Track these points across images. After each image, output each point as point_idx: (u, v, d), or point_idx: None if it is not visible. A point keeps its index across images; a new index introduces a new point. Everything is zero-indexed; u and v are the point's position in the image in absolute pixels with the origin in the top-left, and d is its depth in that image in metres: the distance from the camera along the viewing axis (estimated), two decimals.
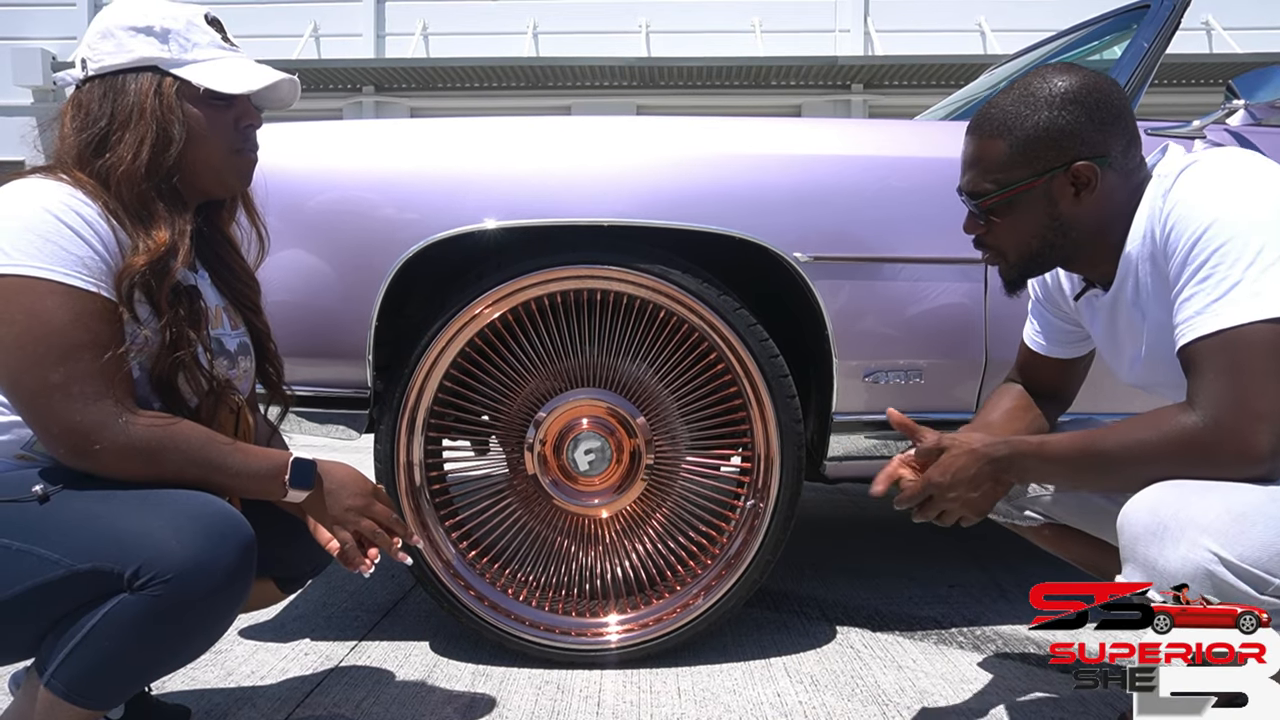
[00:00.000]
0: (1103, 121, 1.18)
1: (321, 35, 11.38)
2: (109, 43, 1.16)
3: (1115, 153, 1.20)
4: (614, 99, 10.88)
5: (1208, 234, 1.08)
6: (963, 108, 2.47)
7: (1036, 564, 1.52)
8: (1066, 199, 1.21)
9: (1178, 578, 0.99)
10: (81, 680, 1.03)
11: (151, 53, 1.16)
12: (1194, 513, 0.99)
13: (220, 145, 1.21)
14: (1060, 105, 1.18)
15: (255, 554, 1.09)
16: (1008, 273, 1.30)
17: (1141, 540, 1.03)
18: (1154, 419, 1.10)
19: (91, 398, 1.05)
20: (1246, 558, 0.96)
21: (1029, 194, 1.21)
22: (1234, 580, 0.96)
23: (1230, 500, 1.00)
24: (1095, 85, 1.19)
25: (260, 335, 1.38)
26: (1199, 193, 1.12)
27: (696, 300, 1.64)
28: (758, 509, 1.72)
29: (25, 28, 11.17)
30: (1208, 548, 0.97)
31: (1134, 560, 1.04)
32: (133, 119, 1.15)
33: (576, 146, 1.70)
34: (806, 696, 1.58)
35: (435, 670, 1.69)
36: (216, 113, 1.20)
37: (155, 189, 1.16)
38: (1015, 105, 1.20)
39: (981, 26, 10.79)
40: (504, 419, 1.75)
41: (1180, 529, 0.99)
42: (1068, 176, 1.19)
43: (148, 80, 1.16)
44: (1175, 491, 1.04)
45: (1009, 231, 1.25)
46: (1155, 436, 1.08)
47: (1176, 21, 1.84)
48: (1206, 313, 1.07)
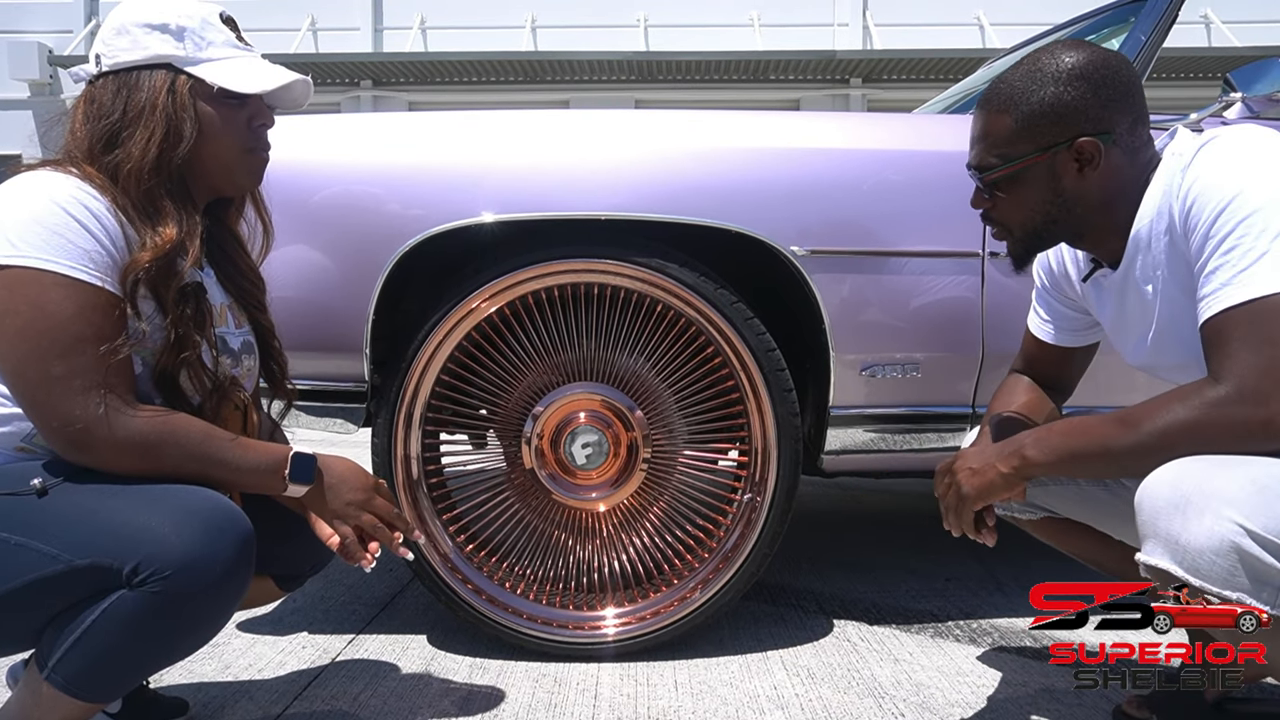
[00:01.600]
0: (1108, 98, 1.19)
1: (319, 29, 11.36)
2: (124, 39, 1.16)
3: (1120, 130, 1.20)
4: (612, 93, 10.87)
5: (1231, 206, 1.07)
6: (960, 101, 2.47)
7: (1034, 558, 1.52)
8: (1070, 175, 1.21)
9: (1203, 553, 0.96)
10: (81, 674, 1.04)
11: (166, 50, 1.16)
12: (1218, 485, 0.97)
13: (233, 144, 1.22)
14: (1066, 81, 1.18)
15: (254, 549, 1.09)
16: (1014, 248, 1.30)
17: (1163, 515, 1.00)
18: (1179, 394, 1.08)
19: (92, 391, 1.05)
20: (1273, 530, 0.94)
21: (1033, 169, 1.22)
22: (1260, 552, 0.94)
23: (1254, 472, 0.98)
24: (1103, 61, 1.19)
25: (265, 333, 1.38)
26: (1220, 166, 1.11)
27: (693, 294, 1.64)
28: (755, 502, 1.73)
29: (21, 21, 11.15)
30: (1233, 519, 0.95)
31: (1155, 536, 1.02)
32: (144, 115, 1.15)
33: (573, 140, 1.70)
34: (803, 689, 1.58)
35: (433, 663, 1.70)
36: (230, 111, 1.21)
37: (163, 186, 1.16)
38: (1022, 81, 1.21)
39: (980, 21, 10.78)
40: (501, 413, 1.75)
41: (1204, 501, 0.97)
42: (1071, 152, 1.20)
43: (161, 77, 1.16)
44: (1196, 465, 1.02)
45: (1013, 206, 1.25)
46: (1183, 410, 1.06)
47: (1174, 14, 1.84)
48: (1233, 284, 1.05)
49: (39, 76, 10.87)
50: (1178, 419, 1.06)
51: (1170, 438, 1.06)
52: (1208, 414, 1.05)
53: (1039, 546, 1.55)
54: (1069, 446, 1.16)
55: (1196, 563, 0.97)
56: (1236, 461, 1.01)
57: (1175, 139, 1.22)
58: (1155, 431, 1.07)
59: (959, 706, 1.51)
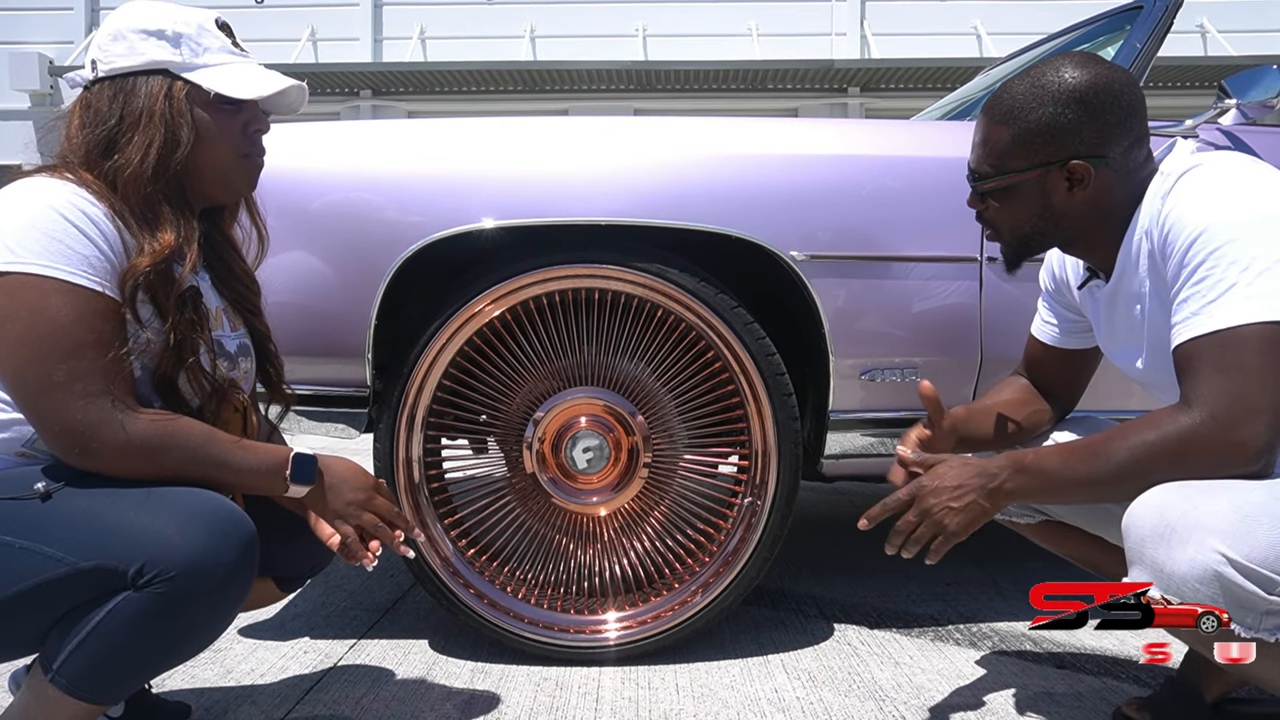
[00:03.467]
0: (1105, 123, 1.20)
1: (319, 39, 11.40)
2: (120, 45, 1.17)
3: (1115, 154, 1.21)
4: (611, 103, 10.90)
5: (1203, 238, 1.10)
6: (958, 108, 2.49)
7: (1034, 562, 1.53)
8: (1060, 192, 1.23)
9: (1187, 580, 0.99)
10: (85, 676, 1.04)
11: (163, 56, 1.17)
12: (1201, 514, 1.00)
13: (228, 149, 1.23)
14: (1065, 102, 1.19)
15: (257, 550, 1.10)
16: (1005, 251, 1.33)
17: (1149, 543, 1.03)
18: (1150, 421, 1.11)
19: (93, 396, 1.06)
20: (1254, 558, 0.97)
21: (1023, 184, 1.24)
22: (1242, 581, 0.97)
23: (1237, 501, 1.00)
24: (1107, 83, 1.20)
25: (261, 337, 1.39)
26: (1196, 197, 1.13)
27: (694, 299, 1.65)
28: (755, 506, 1.73)
29: (22, 32, 11.18)
30: (1215, 549, 0.97)
31: (1141, 563, 1.05)
32: (142, 121, 1.16)
33: (574, 146, 1.71)
34: (804, 692, 1.58)
35: (434, 668, 1.70)
36: (226, 117, 1.22)
37: (161, 192, 1.17)
38: (1024, 94, 1.23)
39: (977, 30, 10.82)
40: (502, 417, 1.76)
41: (1188, 531, 1.00)
42: (1062, 173, 1.21)
43: (158, 83, 1.17)
44: (1181, 493, 1.04)
45: (1004, 214, 1.29)
46: (1155, 436, 1.09)
47: (1169, 22, 1.85)
48: (1201, 314, 1.09)
49: (39, 87, 10.89)
50: (1150, 446, 1.09)
51: (1144, 464, 1.09)
52: (1179, 441, 1.07)
53: (1037, 550, 1.56)
54: (1047, 476, 1.17)
55: (1180, 589, 1.00)
56: (1220, 488, 1.03)
57: (1171, 155, 1.24)
58: (1130, 459, 1.10)
59: (959, 709, 1.51)
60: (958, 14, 10.89)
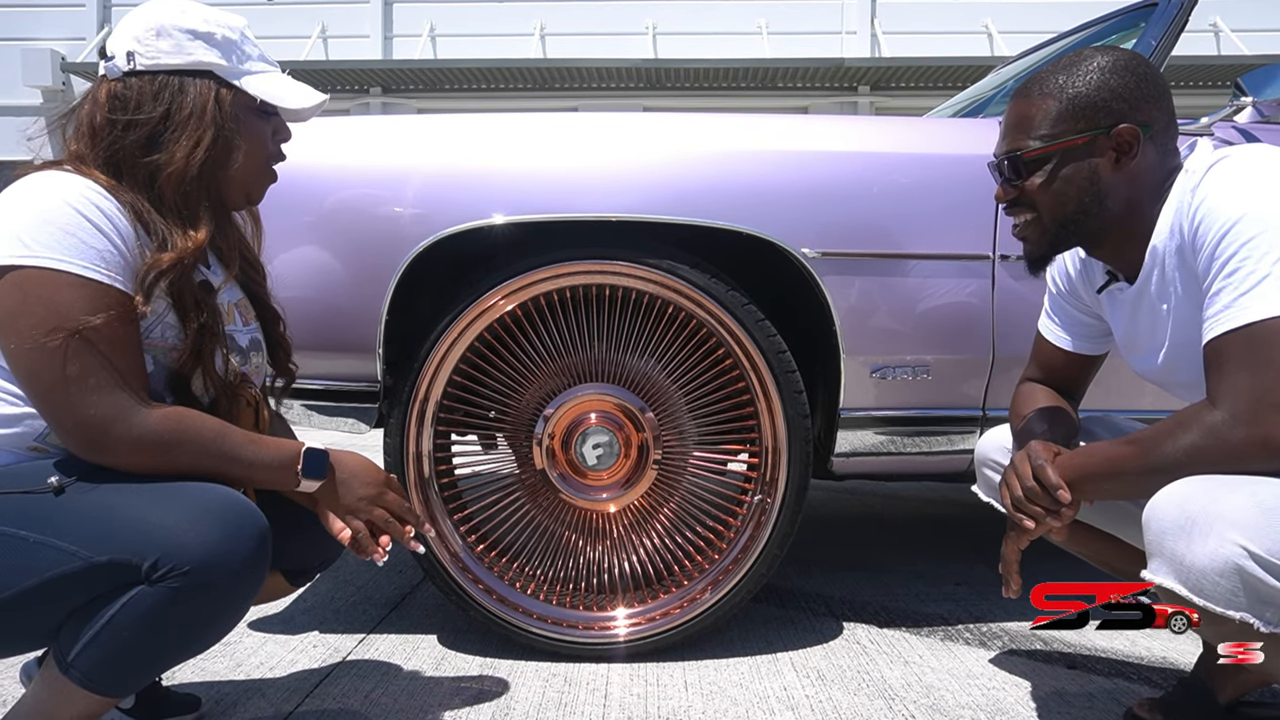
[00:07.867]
0: (1149, 93, 1.21)
1: (329, 36, 11.42)
2: (166, 42, 1.16)
3: (1158, 125, 1.21)
4: (621, 101, 10.90)
5: (1235, 229, 1.09)
6: (970, 105, 2.47)
7: (1045, 561, 1.52)
8: (1107, 164, 1.22)
9: (1207, 573, 0.99)
10: (98, 669, 1.05)
11: (211, 59, 1.18)
12: (1222, 507, 0.99)
13: (261, 156, 1.25)
14: (1111, 70, 1.21)
15: (270, 544, 1.10)
16: (1037, 244, 1.29)
17: (1170, 535, 1.03)
18: (1180, 420, 1.11)
19: (106, 390, 1.06)
20: (1275, 552, 0.96)
21: (1072, 151, 1.22)
22: (1262, 574, 0.96)
23: (1260, 494, 1.00)
24: (1142, 61, 1.23)
25: (271, 317, 1.39)
26: (1227, 188, 1.12)
27: (704, 295, 1.65)
28: (765, 504, 1.73)
29: (35, 28, 11.23)
30: (1237, 542, 0.97)
31: (1161, 555, 1.04)
32: (191, 121, 1.16)
33: (585, 142, 1.71)
34: (813, 690, 1.58)
35: (443, 662, 1.70)
36: (260, 124, 1.24)
37: (200, 191, 1.18)
38: (1065, 70, 1.23)
39: (988, 28, 10.78)
40: (513, 413, 1.76)
41: (1209, 524, 0.99)
42: (1110, 140, 1.21)
43: (206, 86, 1.18)
44: (1203, 485, 1.04)
45: (1047, 193, 1.25)
46: (1185, 435, 1.09)
47: (1184, 20, 1.84)
48: (1234, 307, 1.07)
49: (52, 83, 10.94)
50: (1180, 443, 1.09)
51: (1175, 460, 1.09)
52: (1205, 437, 1.07)
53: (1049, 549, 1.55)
54: (1085, 467, 1.20)
55: (1200, 583, 1.00)
56: (1242, 482, 1.03)
57: (1194, 153, 1.23)
58: (1162, 455, 1.11)
59: (969, 709, 1.51)
60: (969, 12, 10.84)
